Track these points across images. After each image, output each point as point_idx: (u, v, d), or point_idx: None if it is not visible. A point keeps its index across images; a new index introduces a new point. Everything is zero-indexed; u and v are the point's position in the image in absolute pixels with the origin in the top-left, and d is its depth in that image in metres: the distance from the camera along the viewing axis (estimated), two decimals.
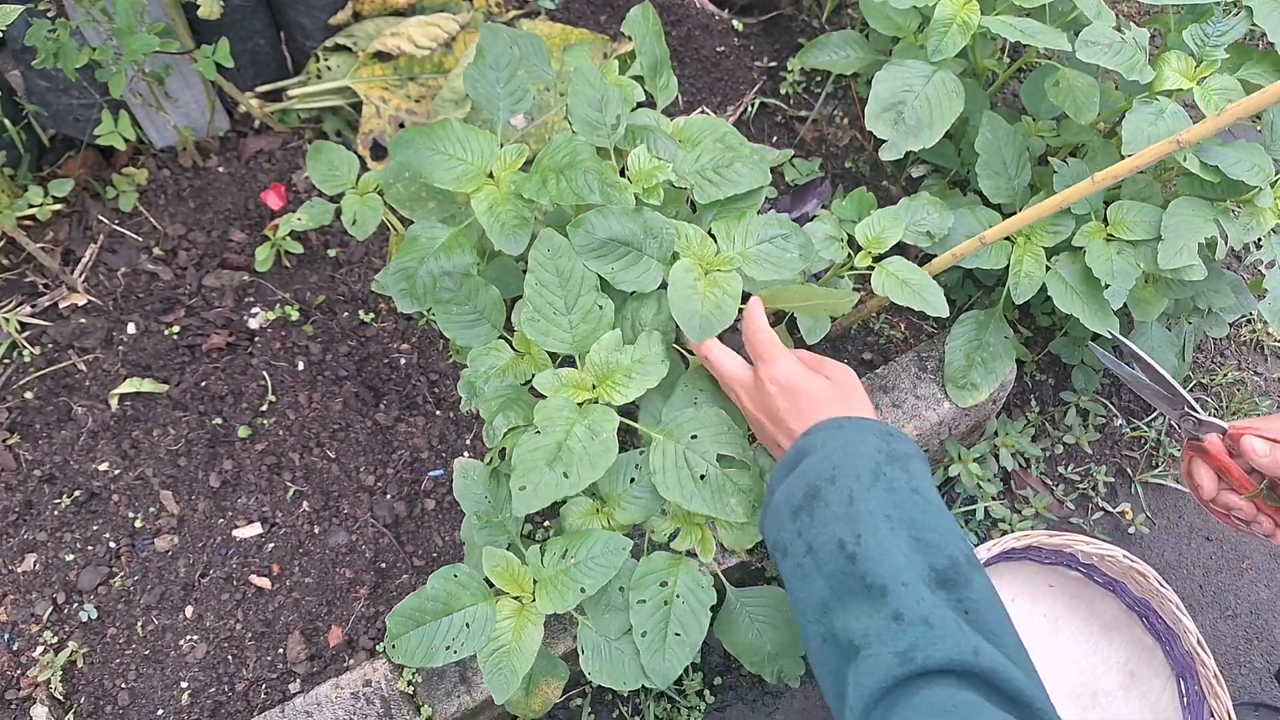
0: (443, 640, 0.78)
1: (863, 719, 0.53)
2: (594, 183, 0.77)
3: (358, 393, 1.11)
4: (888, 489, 0.62)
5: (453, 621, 0.79)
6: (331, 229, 1.23)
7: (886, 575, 0.57)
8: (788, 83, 1.39)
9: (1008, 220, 0.96)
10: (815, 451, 0.67)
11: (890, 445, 0.66)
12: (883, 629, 0.55)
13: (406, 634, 0.78)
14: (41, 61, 1.00)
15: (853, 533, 0.60)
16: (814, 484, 0.64)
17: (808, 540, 0.62)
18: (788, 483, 0.66)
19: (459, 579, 0.80)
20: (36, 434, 1.06)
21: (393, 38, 1.20)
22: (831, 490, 0.63)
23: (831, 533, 0.61)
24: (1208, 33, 1.01)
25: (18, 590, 0.97)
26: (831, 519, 0.61)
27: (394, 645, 0.78)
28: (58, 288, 1.15)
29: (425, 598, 0.79)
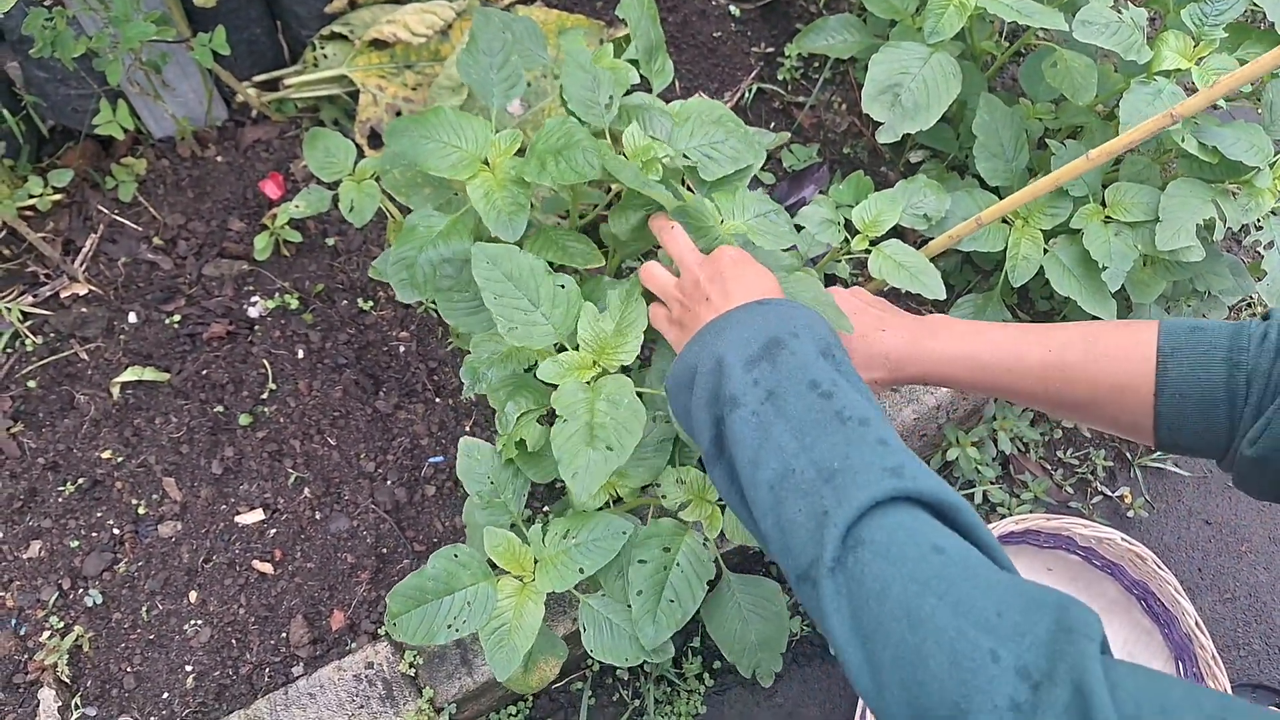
0: (444, 619, 0.78)
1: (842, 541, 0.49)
2: (593, 159, 0.77)
3: (357, 380, 1.12)
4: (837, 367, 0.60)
5: (454, 600, 0.80)
6: (330, 217, 1.23)
7: (867, 410, 0.55)
8: (785, 68, 1.38)
9: (1003, 201, 0.96)
10: (774, 315, 0.62)
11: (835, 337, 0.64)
12: (867, 451, 0.52)
13: (408, 613, 0.79)
14: (39, 51, 1.00)
15: (828, 376, 0.57)
16: (776, 336, 0.60)
17: (768, 387, 0.57)
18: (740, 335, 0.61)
19: (459, 559, 0.80)
20: (40, 422, 1.07)
21: (389, 25, 1.20)
22: (798, 343, 0.59)
23: (803, 374, 0.57)
24: (1206, 12, 1.00)
25: (24, 576, 0.98)
26: (800, 365, 0.58)
27: (395, 624, 0.78)
28: (59, 277, 1.15)
29: (426, 577, 0.79)
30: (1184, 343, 0.64)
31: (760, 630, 0.91)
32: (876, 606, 0.46)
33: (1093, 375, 0.68)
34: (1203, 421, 0.63)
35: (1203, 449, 0.65)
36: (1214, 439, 0.64)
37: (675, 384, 0.65)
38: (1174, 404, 0.64)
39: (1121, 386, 0.66)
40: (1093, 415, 0.71)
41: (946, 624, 0.44)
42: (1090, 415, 0.71)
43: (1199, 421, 0.63)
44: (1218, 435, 0.63)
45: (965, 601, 0.45)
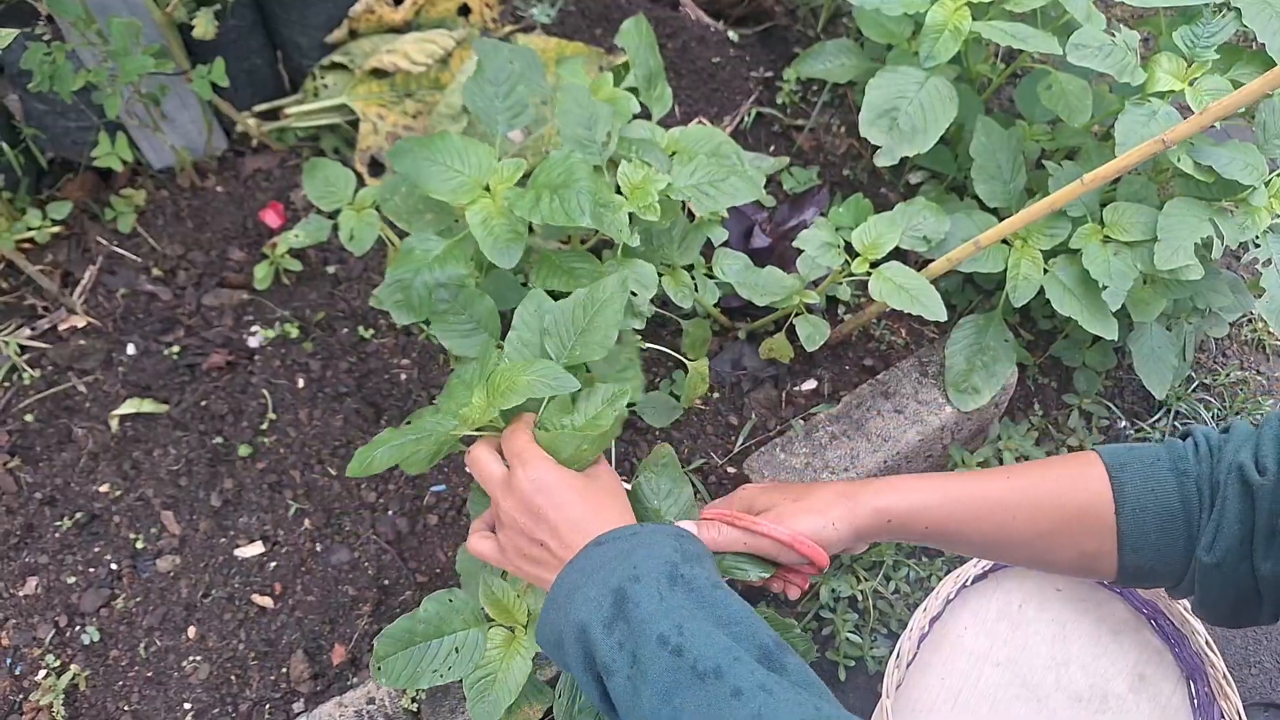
0: (430, 663, 0.77)
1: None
2: (586, 204, 0.77)
3: (358, 409, 1.11)
4: (688, 589, 0.59)
5: (442, 645, 0.78)
6: (330, 246, 1.23)
7: (716, 656, 0.55)
8: (784, 92, 1.39)
9: (1002, 223, 0.97)
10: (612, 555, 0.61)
11: (684, 546, 0.62)
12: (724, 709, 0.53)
13: (394, 655, 0.77)
14: (38, 84, 1.00)
15: (673, 624, 0.56)
16: (620, 586, 0.59)
17: (631, 650, 0.57)
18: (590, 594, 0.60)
19: (453, 603, 0.79)
20: (37, 456, 1.06)
21: (389, 55, 1.21)
22: (639, 589, 0.58)
23: (652, 630, 0.56)
24: (1198, 34, 1.02)
25: (19, 614, 0.97)
26: (647, 617, 0.57)
27: (379, 666, 0.77)
28: (57, 310, 1.15)
29: (417, 619, 0.78)
30: (1128, 459, 0.66)
31: None
32: None
33: (1052, 498, 0.68)
34: (1163, 536, 0.64)
35: (1164, 568, 0.66)
36: (1174, 554, 0.65)
37: (546, 644, 0.64)
38: (1135, 519, 0.65)
39: (1082, 506, 0.67)
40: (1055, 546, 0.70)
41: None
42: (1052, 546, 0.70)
43: (1159, 536, 0.64)
44: (1178, 549, 0.64)
45: None
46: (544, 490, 0.66)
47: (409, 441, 0.70)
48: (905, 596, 1.21)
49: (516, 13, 1.41)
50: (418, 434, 0.71)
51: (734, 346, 1.15)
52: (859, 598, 1.19)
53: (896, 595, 1.21)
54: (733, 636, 0.57)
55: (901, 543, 1.24)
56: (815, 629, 1.19)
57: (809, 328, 1.01)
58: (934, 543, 0.73)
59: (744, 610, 0.59)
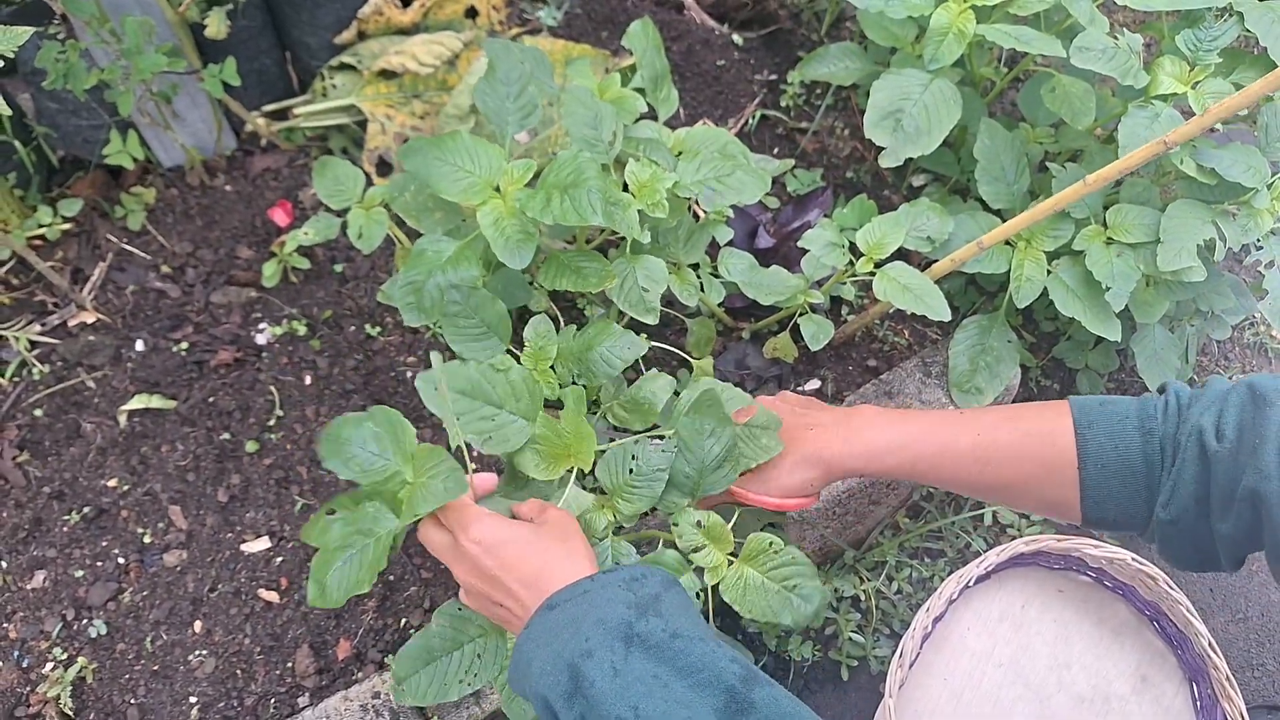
0: (454, 675, 0.76)
1: None
2: (597, 203, 0.78)
3: (364, 406, 1.12)
4: (644, 647, 0.58)
5: (463, 654, 0.78)
6: (337, 244, 1.24)
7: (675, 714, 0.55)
8: (788, 95, 1.40)
9: (1005, 224, 0.97)
10: (564, 623, 0.61)
11: (637, 593, 0.62)
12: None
13: (415, 675, 0.77)
14: (52, 82, 1.01)
15: (629, 705, 0.56)
16: (573, 663, 0.58)
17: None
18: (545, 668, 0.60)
19: (463, 613, 0.79)
20: (46, 451, 1.06)
21: (397, 56, 1.22)
22: (592, 665, 0.58)
23: (610, 711, 0.56)
24: (1200, 38, 1.02)
25: (27, 607, 0.97)
26: (604, 696, 0.57)
27: (402, 688, 0.77)
28: (67, 306, 1.16)
29: (431, 635, 0.78)
30: (1097, 416, 0.67)
31: None
32: None
33: (1020, 453, 0.71)
34: (1124, 491, 0.66)
35: (1127, 520, 0.68)
36: (1136, 508, 0.66)
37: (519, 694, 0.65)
38: (1097, 475, 0.67)
39: (1047, 462, 0.69)
40: (1023, 495, 0.73)
41: None
42: (1021, 495, 0.74)
43: (1121, 491, 0.66)
44: (1139, 503, 0.66)
45: None
46: (490, 551, 0.66)
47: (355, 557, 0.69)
48: (908, 597, 1.21)
49: (523, 15, 1.43)
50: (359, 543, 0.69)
51: (738, 346, 1.16)
52: (862, 598, 1.19)
53: (899, 595, 1.21)
54: (695, 687, 0.56)
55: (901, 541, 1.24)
56: (818, 628, 1.19)
57: (813, 327, 1.02)
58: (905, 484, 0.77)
59: (706, 651, 0.58)
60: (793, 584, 0.78)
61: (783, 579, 0.78)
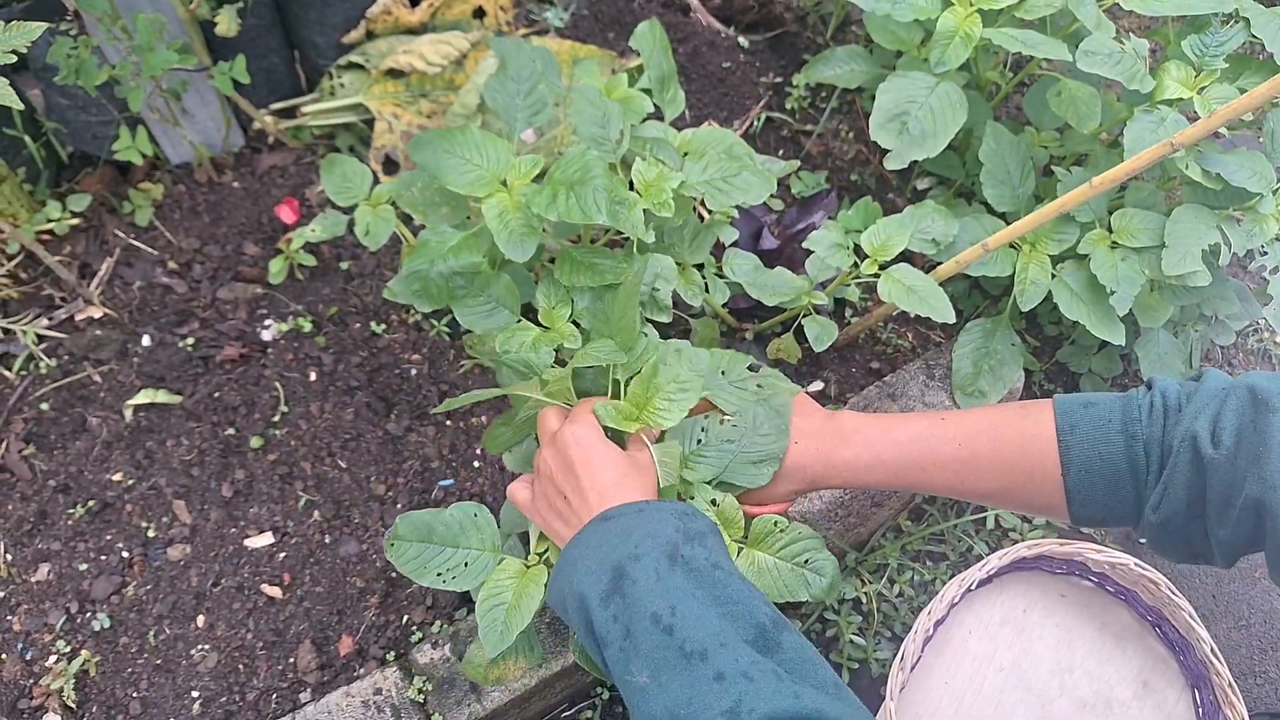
0: (437, 565, 0.78)
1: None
2: (602, 202, 0.78)
3: (369, 403, 1.12)
4: (687, 568, 0.61)
5: (455, 555, 0.79)
6: (344, 242, 1.25)
7: (705, 639, 0.57)
8: (793, 98, 1.40)
9: (1010, 227, 0.97)
10: (615, 533, 0.64)
11: (687, 524, 0.64)
12: (706, 692, 0.54)
13: (410, 542, 0.79)
14: (63, 78, 1.02)
15: (666, 604, 0.58)
16: (619, 564, 0.61)
17: (625, 624, 0.59)
18: (590, 567, 0.63)
19: (477, 519, 0.80)
20: (52, 444, 1.07)
21: (405, 55, 1.23)
22: (638, 568, 0.60)
23: (645, 608, 0.59)
24: (1206, 43, 1.02)
25: (31, 600, 0.98)
26: (643, 595, 0.59)
27: (393, 544, 0.78)
28: (74, 300, 1.16)
29: (439, 519, 0.79)
30: (1080, 420, 0.67)
31: None
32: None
33: (1002, 463, 0.71)
34: (1111, 494, 0.66)
35: (1116, 520, 0.68)
36: (1124, 510, 0.66)
37: (555, 606, 0.68)
38: (1081, 480, 0.66)
39: (1029, 471, 0.69)
40: (1010, 500, 0.73)
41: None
42: (1007, 501, 0.73)
43: (1107, 495, 0.66)
44: (1127, 506, 0.66)
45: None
46: (581, 445, 0.70)
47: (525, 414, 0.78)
48: (909, 600, 1.21)
49: (530, 16, 1.43)
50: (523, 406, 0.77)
51: (742, 347, 1.16)
52: (863, 600, 1.19)
53: (900, 598, 1.21)
54: (728, 616, 0.58)
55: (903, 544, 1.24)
56: (819, 630, 1.19)
57: (817, 328, 1.02)
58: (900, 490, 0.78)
59: (743, 588, 0.61)
60: (805, 559, 0.79)
61: (794, 556, 0.79)
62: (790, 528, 0.79)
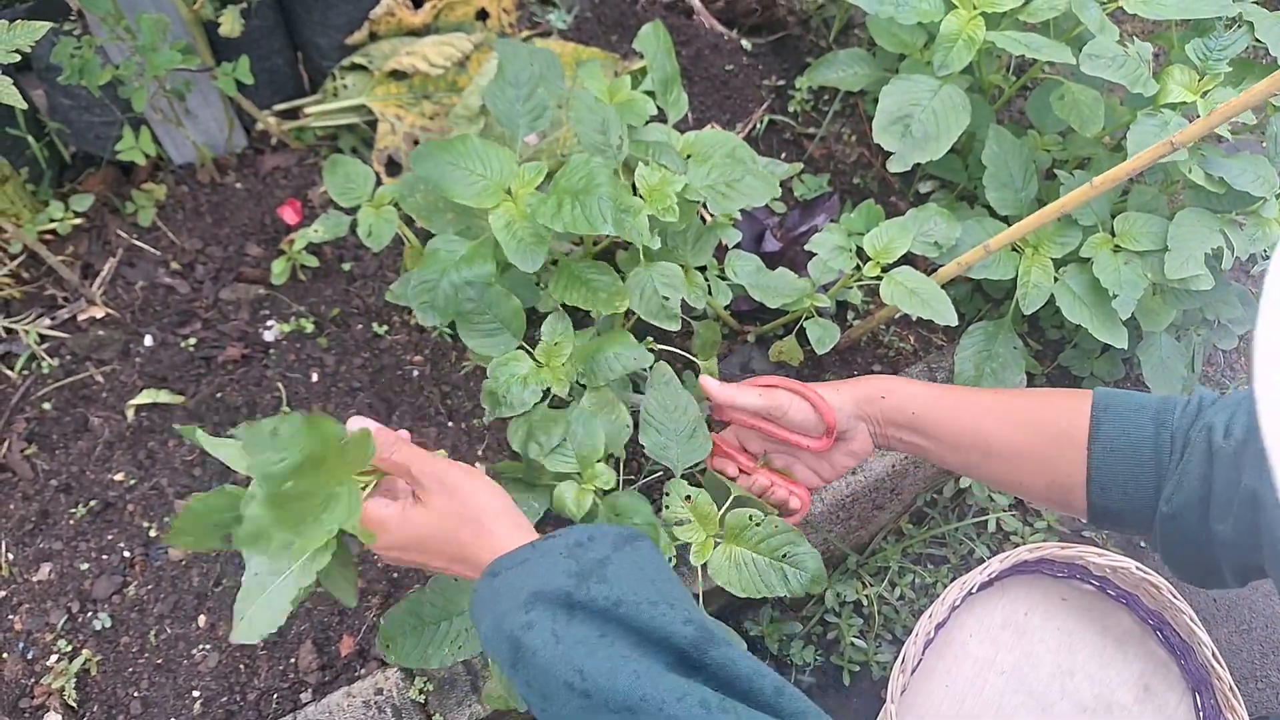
0: (440, 645, 0.77)
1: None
2: (608, 211, 0.78)
3: (371, 404, 1.12)
4: (588, 614, 0.58)
5: (452, 625, 0.79)
6: (346, 243, 1.25)
7: (625, 693, 0.54)
8: (796, 100, 1.41)
9: (1013, 227, 0.97)
10: (504, 592, 0.61)
11: (580, 560, 0.60)
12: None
13: (404, 638, 0.78)
14: (66, 78, 1.02)
15: (574, 669, 0.56)
16: (514, 636, 0.58)
17: (540, 689, 0.57)
18: (489, 635, 0.61)
19: (459, 583, 0.80)
20: (54, 444, 1.07)
21: (408, 57, 1.23)
22: (533, 635, 0.57)
23: (555, 677, 0.56)
24: (1210, 47, 1.02)
25: (33, 599, 0.98)
26: (547, 664, 0.57)
27: (388, 646, 0.77)
28: (76, 300, 1.16)
29: (424, 601, 0.79)
30: (1116, 401, 0.68)
31: None
32: None
33: (1035, 418, 0.71)
34: (1130, 477, 0.66)
35: (1131, 512, 0.67)
36: (1141, 499, 0.66)
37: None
38: (1104, 456, 0.66)
39: (1060, 435, 0.69)
40: (1031, 468, 0.72)
41: None
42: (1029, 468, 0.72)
43: (1127, 477, 0.66)
44: (1144, 494, 0.65)
45: None
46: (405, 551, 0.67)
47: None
48: (910, 602, 1.21)
49: (533, 18, 1.43)
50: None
51: (744, 349, 1.16)
52: (864, 603, 1.19)
53: (901, 601, 1.21)
54: (642, 653, 0.56)
55: (904, 546, 1.24)
56: (820, 633, 1.19)
57: (819, 331, 1.02)
58: (919, 435, 0.76)
59: (653, 615, 0.58)
60: (783, 553, 0.78)
61: (773, 550, 0.78)
62: (766, 521, 0.77)
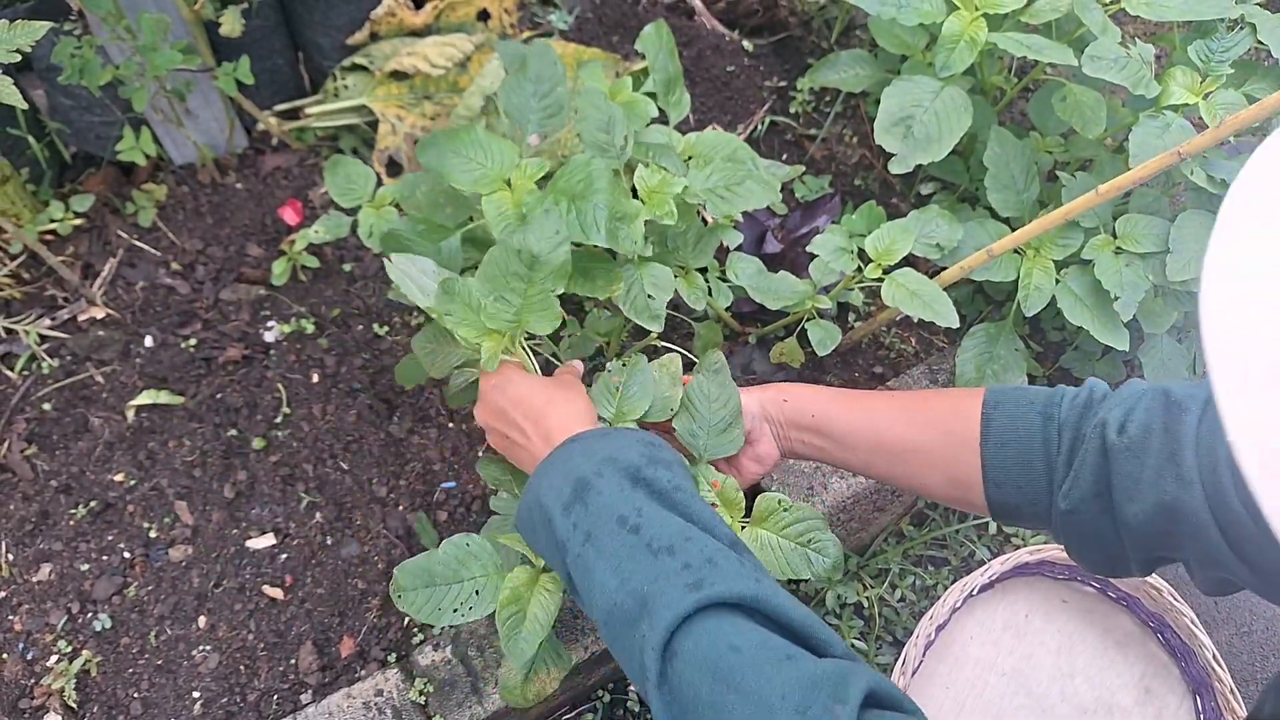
0: (450, 603, 0.78)
1: (661, 657, 0.55)
2: (602, 220, 0.79)
3: (371, 405, 1.12)
4: (650, 489, 0.64)
5: (463, 588, 0.79)
6: (346, 244, 1.24)
7: (671, 537, 0.60)
8: (797, 102, 1.40)
9: (1015, 232, 0.97)
10: (579, 452, 0.67)
11: (652, 452, 0.67)
12: (672, 574, 0.58)
13: (416, 589, 0.79)
14: (67, 78, 1.02)
15: (632, 508, 0.62)
16: (583, 477, 0.65)
17: (586, 529, 0.62)
18: (554, 483, 0.66)
19: (470, 548, 0.80)
20: (54, 445, 1.07)
21: (409, 57, 1.23)
22: (601, 481, 0.64)
23: (611, 512, 0.62)
24: (1212, 49, 1.02)
25: (33, 600, 0.98)
26: (608, 503, 0.63)
27: (400, 596, 0.78)
28: (77, 301, 1.16)
29: (436, 560, 0.79)
30: (1006, 397, 0.70)
31: None
32: (693, 710, 0.53)
33: (930, 415, 0.73)
34: (1022, 473, 0.67)
35: (1029, 506, 0.68)
36: (1036, 493, 0.67)
37: (523, 531, 0.71)
38: (996, 452, 0.68)
39: (955, 432, 0.71)
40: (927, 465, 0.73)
41: (743, 714, 0.51)
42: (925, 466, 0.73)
43: (1019, 473, 0.67)
44: (1038, 490, 0.67)
45: (755, 692, 0.52)
46: (500, 388, 0.76)
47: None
48: (911, 605, 1.21)
49: (534, 19, 1.43)
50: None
51: (744, 351, 1.16)
52: (864, 605, 1.19)
53: (902, 603, 1.21)
54: (690, 526, 0.62)
55: (904, 548, 1.24)
56: None
57: (821, 332, 1.02)
58: (822, 438, 0.79)
59: (705, 510, 0.64)
60: (808, 539, 0.80)
61: (798, 535, 0.80)
62: (794, 507, 0.80)
